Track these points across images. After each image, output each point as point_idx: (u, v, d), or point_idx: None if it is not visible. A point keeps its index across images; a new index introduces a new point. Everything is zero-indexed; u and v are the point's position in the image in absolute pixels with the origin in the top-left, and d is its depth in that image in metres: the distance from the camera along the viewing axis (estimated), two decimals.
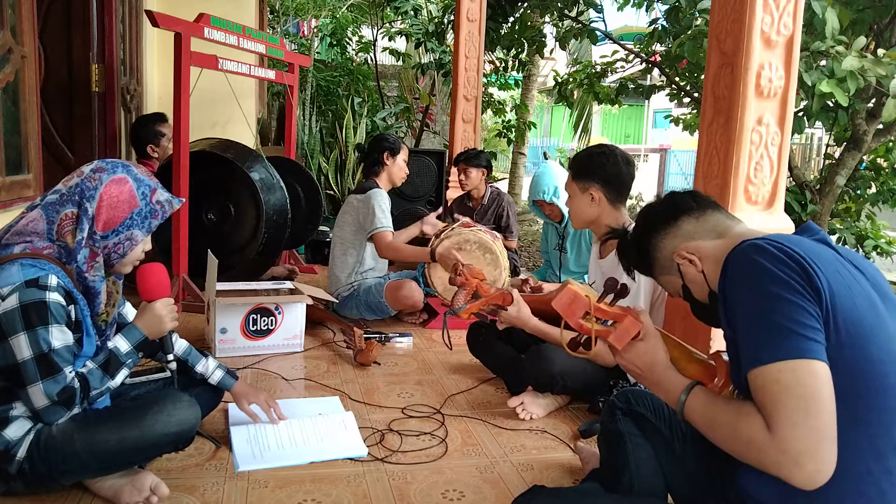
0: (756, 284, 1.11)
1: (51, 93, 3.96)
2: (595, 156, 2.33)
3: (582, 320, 1.31)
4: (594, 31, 6.18)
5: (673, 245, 1.36)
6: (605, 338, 1.29)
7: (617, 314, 1.29)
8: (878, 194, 5.13)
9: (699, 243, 1.32)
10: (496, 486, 1.88)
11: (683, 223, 1.35)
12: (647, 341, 1.29)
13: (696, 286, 1.34)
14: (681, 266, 1.34)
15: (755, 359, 1.09)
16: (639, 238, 1.43)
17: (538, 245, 6.86)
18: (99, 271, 1.62)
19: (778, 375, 1.05)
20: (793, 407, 1.03)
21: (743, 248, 1.17)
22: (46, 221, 1.58)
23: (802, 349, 1.05)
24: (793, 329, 1.06)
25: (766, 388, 1.06)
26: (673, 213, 1.37)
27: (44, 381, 1.49)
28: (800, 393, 1.03)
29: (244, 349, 2.92)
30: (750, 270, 1.13)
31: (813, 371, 1.04)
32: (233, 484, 1.83)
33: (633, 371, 1.31)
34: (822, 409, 1.03)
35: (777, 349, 1.06)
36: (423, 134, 8.54)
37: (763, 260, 1.11)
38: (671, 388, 1.26)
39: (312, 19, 9.28)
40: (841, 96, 3.57)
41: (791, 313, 1.07)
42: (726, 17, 2.47)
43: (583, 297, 1.30)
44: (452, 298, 2.35)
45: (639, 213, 1.47)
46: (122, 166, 1.66)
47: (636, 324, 1.28)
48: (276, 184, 3.98)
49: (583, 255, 3.70)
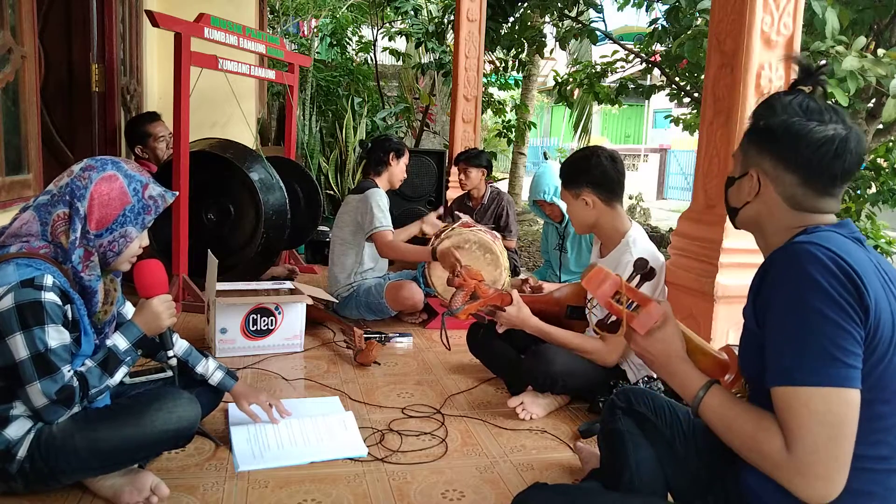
0: (805, 298, 1.06)
1: (51, 93, 3.96)
2: (579, 161, 2.34)
3: (612, 300, 1.29)
4: (594, 31, 6.19)
5: (765, 168, 1.23)
6: (629, 322, 1.27)
7: (642, 298, 1.28)
8: (878, 194, 5.13)
9: (773, 193, 1.22)
10: (496, 486, 1.88)
11: (791, 175, 1.20)
12: (666, 329, 1.27)
13: (736, 196, 1.29)
14: (746, 176, 1.26)
15: (788, 376, 1.06)
16: (771, 132, 1.21)
17: (538, 245, 6.86)
18: (95, 270, 1.62)
19: (808, 400, 1.04)
20: (817, 433, 1.03)
21: (797, 251, 1.11)
22: (40, 223, 1.57)
23: (841, 378, 1.03)
24: (835, 355, 1.03)
25: (793, 409, 1.05)
26: (798, 163, 1.19)
27: (42, 381, 1.49)
28: (828, 421, 1.02)
29: (244, 349, 2.92)
30: (801, 281, 1.07)
31: (845, 401, 1.03)
32: (233, 484, 1.83)
33: (648, 358, 1.29)
34: (846, 438, 1.03)
35: (814, 373, 1.04)
36: (423, 134, 8.54)
37: (816, 273, 1.06)
38: (687, 381, 1.24)
39: (312, 19, 9.28)
40: (841, 96, 3.58)
41: (836, 337, 1.04)
42: (726, 17, 2.47)
43: (614, 276, 1.29)
44: (450, 299, 2.35)
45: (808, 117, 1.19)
46: (111, 163, 1.64)
47: (660, 310, 1.26)
48: (276, 184, 3.98)
49: (583, 255, 3.70)
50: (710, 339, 2.47)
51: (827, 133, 1.16)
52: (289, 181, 4.28)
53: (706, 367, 1.31)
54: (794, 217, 1.21)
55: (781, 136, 1.20)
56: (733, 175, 1.31)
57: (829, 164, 1.17)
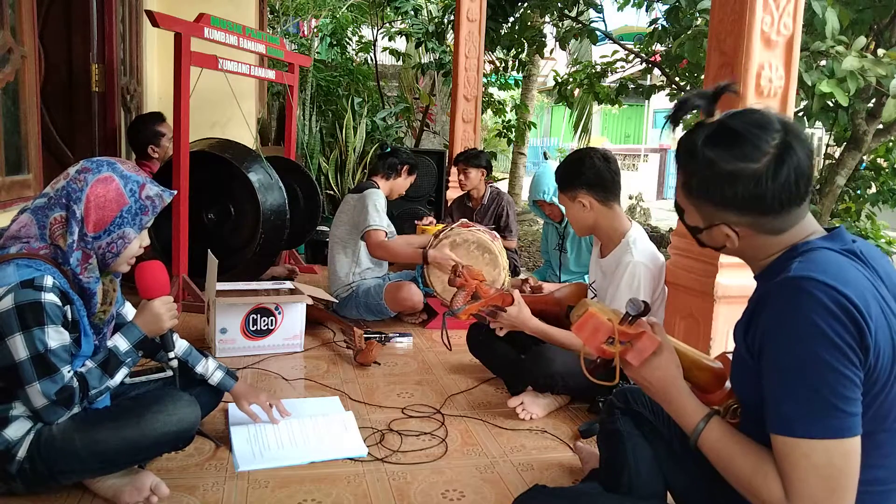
0: (805, 344, 1.02)
1: (51, 93, 3.96)
2: (572, 164, 2.34)
3: (604, 345, 1.25)
4: (594, 31, 6.19)
5: (733, 220, 1.17)
6: (623, 356, 1.25)
7: (635, 334, 1.24)
8: (878, 194, 5.14)
9: (754, 234, 1.17)
10: (496, 486, 1.88)
11: (765, 217, 1.15)
12: (661, 356, 1.24)
13: (709, 241, 1.24)
14: (715, 227, 1.19)
15: (787, 427, 1.04)
16: (718, 186, 1.15)
17: (538, 245, 6.86)
18: (93, 272, 1.61)
19: (809, 452, 1.02)
20: (818, 486, 1.01)
21: (795, 288, 1.05)
22: (37, 226, 1.57)
23: (843, 429, 1.01)
24: (836, 405, 1.01)
25: (792, 460, 1.03)
26: (767, 208, 1.13)
27: (41, 382, 1.49)
28: (828, 473, 1.01)
29: (244, 349, 2.92)
30: (800, 325, 1.03)
31: (846, 452, 1.02)
32: (233, 484, 1.83)
33: (645, 386, 1.27)
34: (847, 488, 1.02)
35: (813, 425, 1.02)
36: (423, 134, 8.54)
37: (819, 320, 1.01)
38: (686, 411, 1.21)
39: (312, 19, 9.28)
40: (841, 96, 3.58)
41: (838, 386, 1.01)
42: (726, 17, 2.47)
43: (605, 322, 1.24)
44: (451, 299, 2.35)
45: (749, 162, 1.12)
46: (107, 165, 1.63)
47: (654, 340, 1.23)
48: (275, 184, 3.98)
49: (583, 255, 3.70)
50: (710, 339, 2.47)
51: (768, 153, 1.10)
52: (289, 181, 4.28)
53: (704, 381, 1.30)
54: (781, 240, 1.17)
55: (732, 193, 1.13)
56: (697, 226, 1.23)
57: (790, 184, 1.10)
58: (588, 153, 2.34)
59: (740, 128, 1.13)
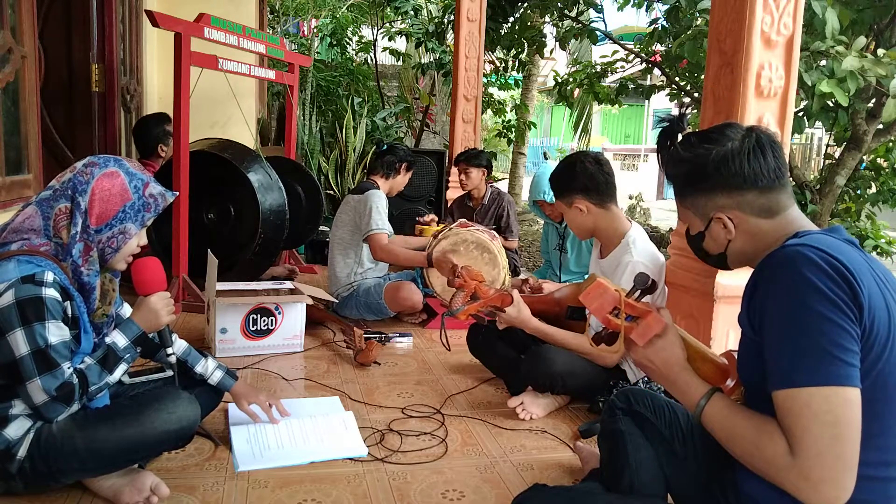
0: (800, 298, 1.06)
1: (51, 93, 3.96)
2: (565, 170, 2.36)
3: (610, 315, 1.28)
4: (594, 31, 6.19)
5: (722, 204, 1.27)
6: (628, 333, 1.27)
7: (642, 310, 1.27)
8: (878, 194, 5.14)
9: (745, 216, 1.25)
10: (496, 486, 1.88)
11: (748, 193, 1.24)
12: (666, 338, 1.26)
13: (714, 244, 1.32)
14: (713, 222, 1.29)
15: (787, 379, 1.06)
16: (700, 173, 1.28)
17: (538, 245, 6.86)
18: (94, 265, 1.62)
19: (809, 400, 1.03)
20: (820, 434, 1.02)
21: (789, 254, 1.11)
22: (42, 217, 1.59)
23: (841, 376, 1.03)
24: (833, 353, 1.03)
25: (794, 411, 1.04)
26: (746, 180, 1.23)
27: (42, 377, 1.49)
28: (830, 420, 1.02)
29: (244, 349, 2.92)
30: (794, 282, 1.08)
31: (846, 399, 1.03)
32: (233, 484, 1.83)
33: (648, 367, 1.28)
34: (850, 437, 1.02)
35: (813, 373, 1.04)
36: (423, 134, 8.54)
37: (811, 275, 1.06)
38: (688, 389, 1.24)
39: (312, 19, 9.27)
40: (841, 96, 3.58)
41: (834, 335, 1.04)
42: (726, 17, 2.47)
43: (612, 292, 1.28)
44: (451, 300, 2.35)
45: (721, 145, 1.26)
46: (114, 161, 1.66)
47: (660, 321, 1.26)
48: (275, 184, 3.98)
49: (583, 255, 3.70)
50: (710, 339, 2.47)
51: (735, 140, 1.25)
52: (289, 181, 4.28)
53: (707, 373, 1.30)
54: (775, 226, 1.23)
55: (713, 170, 1.25)
56: (698, 231, 1.33)
57: (764, 161, 1.23)
58: (579, 158, 2.35)
59: (709, 129, 1.30)
